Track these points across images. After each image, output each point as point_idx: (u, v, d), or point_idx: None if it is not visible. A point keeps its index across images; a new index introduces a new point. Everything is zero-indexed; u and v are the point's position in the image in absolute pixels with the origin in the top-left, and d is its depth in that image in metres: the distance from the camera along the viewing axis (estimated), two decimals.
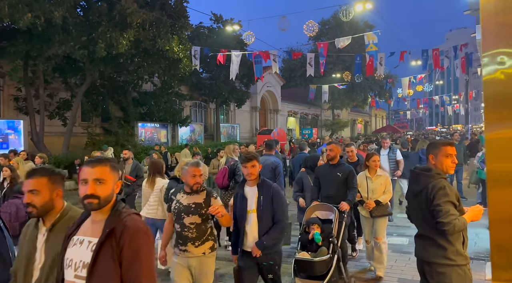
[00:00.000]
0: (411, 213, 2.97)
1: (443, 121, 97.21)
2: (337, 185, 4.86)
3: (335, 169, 4.94)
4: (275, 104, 35.63)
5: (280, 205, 3.35)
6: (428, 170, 2.78)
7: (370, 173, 5.22)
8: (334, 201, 4.72)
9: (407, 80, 25.24)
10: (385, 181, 5.18)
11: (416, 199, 2.80)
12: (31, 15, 11.35)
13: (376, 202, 5.03)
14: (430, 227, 2.68)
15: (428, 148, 2.89)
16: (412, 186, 2.89)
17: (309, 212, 4.69)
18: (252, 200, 3.38)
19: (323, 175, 5.03)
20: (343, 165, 4.97)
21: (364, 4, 15.22)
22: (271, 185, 3.40)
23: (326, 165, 5.09)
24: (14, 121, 15.55)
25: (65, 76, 16.43)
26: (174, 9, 15.73)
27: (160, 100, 21.07)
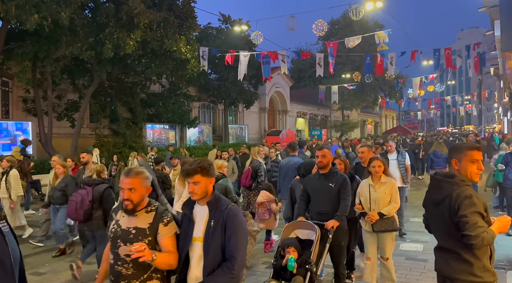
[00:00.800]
0: (430, 223, 2.70)
1: (454, 122, 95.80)
2: (330, 198, 4.16)
3: (326, 179, 4.21)
4: (284, 105, 35.37)
5: (235, 235, 2.34)
6: (452, 176, 2.49)
7: (373, 180, 4.50)
8: (326, 218, 4.06)
9: (418, 80, 24.82)
10: (391, 189, 4.43)
11: (438, 208, 2.53)
12: (38, 16, 11.28)
13: (380, 215, 4.30)
14: (454, 240, 2.41)
15: (451, 152, 2.61)
16: (432, 193, 2.61)
17: (287, 230, 3.94)
18: (200, 225, 2.43)
19: (312, 187, 4.29)
20: (336, 174, 4.23)
21: (374, 2, 14.92)
22: (226, 206, 2.42)
23: (316, 174, 4.34)
24: (23, 123, 15.59)
25: (73, 78, 16.41)
26: (181, 10, 15.59)
27: (168, 101, 20.98)
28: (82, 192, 5.03)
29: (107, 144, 17.52)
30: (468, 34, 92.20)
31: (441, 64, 21.85)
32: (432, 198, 2.60)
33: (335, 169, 4.34)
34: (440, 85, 36.99)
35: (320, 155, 4.19)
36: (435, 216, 2.58)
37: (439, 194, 2.52)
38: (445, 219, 2.45)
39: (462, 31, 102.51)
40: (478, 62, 20.04)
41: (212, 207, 2.43)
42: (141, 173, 2.45)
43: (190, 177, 2.40)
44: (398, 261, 5.65)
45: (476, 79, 42.08)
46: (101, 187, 5.13)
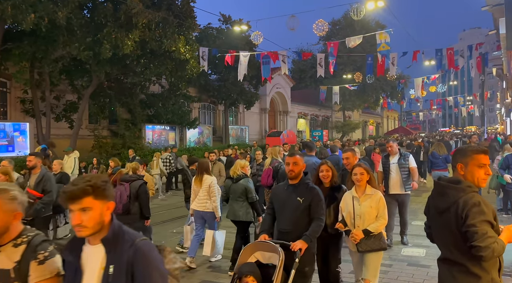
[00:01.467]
0: (434, 233, 2.51)
1: (456, 123, 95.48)
2: (296, 215, 3.46)
3: (294, 191, 3.52)
4: (285, 105, 35.19)
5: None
6: (457, 182, 2.31)
7: (357, 192, 3.88)
8: (289, 238, 3.36)
9: (420, 81, 24.63)
10: (378, 202, 3.82)
11: (442, 217, 2.34)
12: (35, 16, 11.15)
13: (365, 232, 3.72)
14: (461, 251, 2.23)
15: (456, 156, 2.42)
16: (436, 201, 2.42)
17: (246, 253, 3.26)
18: (91, 275, 1.69)
19: (278, 200, 3.62)
20: (306, 186, 3.52)
21: (375, 2, 14.76)
22: (132, 243, 1.69)
23: (285, 184, 3.67)
24: (20, 124, 15.45)
25: (71, 78, 16.28)
26: (181, 9, 15.45)
27: (168, 102, 20.82)
28: (121, 188, 5.46)
29: (106, 145, 17.38)
30: (470, 35, 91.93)
31: (443, 65, 21.67)
32: (436, 206, 2.41)
33: (307, 179, 3.60)
34: (442, 85, 36.81)
35: (292, 162, 3.50)
36: (439, 225, 2.39)
37: (444, 202, 2.33)
38: (451, 228, 2.27)
39: (464, 31, 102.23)
40: (480, 62, 19.86)
41: (110, 247, 1.68)
42: (2, 192, 1.76)
43: (75, 201, 1.64)
44: (400, 267, 5.48)
45: (478, 79, 41.83)
46: (137, 183, 5.52)
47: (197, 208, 5.86)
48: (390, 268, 5.44)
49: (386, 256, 5.96)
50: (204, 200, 5.80)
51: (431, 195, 2.52)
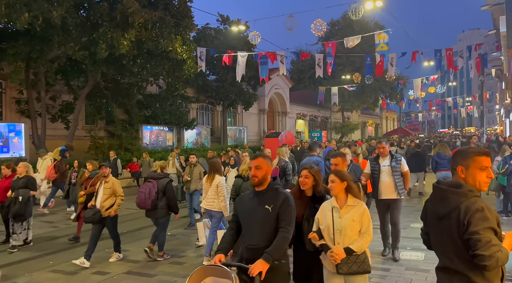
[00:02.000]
0: (432, 240, 2.36)
1: (455, 124, 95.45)
2: (265, 227, 2.86)
3: (262, 199, 2.94)
4: (284, 106, 35.07)
5: None
6: (458, 186, 2.16)
7: (338, 202, 3.30)
8: (258, 255, 2.75)
9: (419, 82, 24.52)
10: (361, 215, 3.23)
11: (442, 223, 2.19)
12: (29, 15, 11.02)
13: (347, 251, 3.13)
14: (462, 260, 2.09)
15: (456, 158, 2.27)
16: (435, 206, 2.27)
17: (194, 279, 2.61)
18: None
19: (243, 210, 3.04)
20: (275, 193, 2.96)
21: (374, 2, 14.66)
22: None
23: (250, 193, 3.09)
24: (15, 124, 15.30)
25: (67, 78, 16.13)
26: (177, 9, 15.32)
27: (165, 102, 20.69)
28: (149, 185, 6.01)
29: (103, 146, 17.24)
30: (469, 35, 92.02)
31: (442, 65, 21.57)
32: (435, 211, 2.26)
33: (276, 185, 3.03)
34: (441, 86, 36.72)
35: (254, 166, 2.94)
36: (439, 232, 2.25)
37: (444, 207, 2.18)
38: (452, 236, 2.12)
39: (463, 33, 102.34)
40: (479, 63, 19.75)
41: None
42: None
43: None
44: (398, 271, 5.34)
45: (478, 80, 41.74)
46: (164, 180, 6.12)
47: (206, 206, 6.18)
48: (388, 272, 5.30)
49: (384, 260, 5.83)
50: (211, 199, 6.09)
51: (430, 200, 2.37)
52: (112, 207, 6.06)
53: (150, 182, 6.06)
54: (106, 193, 6.08)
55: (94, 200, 6.23)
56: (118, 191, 6.14)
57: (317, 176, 3.58)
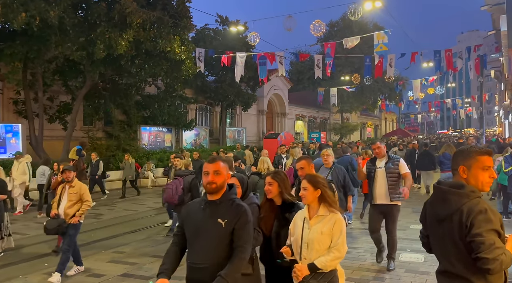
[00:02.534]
0: (432, 243, 2.28)
1: (454, 125, 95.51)
2: (215, 243, 2.43)
3: (215, 211, 2.48)
4: (283, 107, 35.01)
5: None
6: (460, 186, 2.09)
7: (309, 211, 2.86)
8: (203, 276, 2.38)
9: (419, 83, 24.48)
10: (332, 227, 2.75)
11: (442, 225, 2.12)
12: (26, 15, 10.95)
13: (310, 268, 2.71)
14: (465, 263, 2.02)
15: (457, 158, 2.20)
16: (436, 208, 2.19)
17: None
18: None
19: (190, 221, 2.55)
20: (232, 204, 2.51)
21: (373, 2, 14.62)
22: None
23: (201, 201, 2.59)
24: (13, 125, 15.21)
25: (65, 79, 16.05)
26: (176, 9, 15.25)
27: (164, 103, 20.60)
28: (176, 182, 6.44)
29: (101, 147, 17.13)
30: (468, 37, 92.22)
31: (442, 66, 21.53)
32: (436, 214, 2.18)
33: (232, 195, 2.56)
34: (440, 87, 36.70)
35: (212, 171, 2.50)
36: (439, 235, 2.17)
37: (445, 209, 2.11)
38: (454, 238, 2.05)
39: (462, 34, 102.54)
40: (479, 64, 19.72)
41: None
42: None
43: None
44: (397, 274, 5.26)
45: (477, 81, 41.76)
46: (190, 177, 6.55)
47: None
48: (387, 274, 5.23)
49: (384, 262, 5.76)
50: None
51: (430, 201, 2.29)
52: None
53: (177, 179, 6.55)
54: (72, 199, 5.50)
55: (57, 208, 5.55)
56: (85, 196, 5.56)
57: (282, 182, 3.09)
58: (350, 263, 5.72)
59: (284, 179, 3.13)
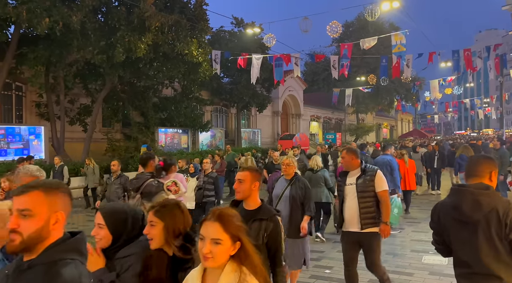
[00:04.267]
0: (456, 246, 2.31)
1: (472, 125, 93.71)
2: None
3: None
4: (297, 108, 34.97)
5: None
6: (486, 188, 2.20)
7: (204, 277, 1.78)
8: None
9: (436, 83, 24.15)
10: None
11: (470, 228, 2.18)
12: (49, 20, 11.25)
13: None
14: (499, 262, 2.07)
15: (490, 163, 2.28)
16: (464, 210, 2.22)
17: None
18: None
19: None
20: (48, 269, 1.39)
21: (391, 3, 14.50)
22: None
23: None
24: (36, 127, 15.60)
25: (85, 82, 16.40)
26: (193, 12, 15.44)
27: (181, 105, 20.84)
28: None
29: (119, 148, 17.42)
30: (487, 36, 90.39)
31: (460, 66, 21.21)
32: (462, 217, 2.21)
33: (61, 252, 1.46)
34: (458, 87, 36.11)
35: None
36: (466, 238, 2.21)
37: (476, 211, 2.15)
38: (489, 238, 2.09)
39: (480, 33, 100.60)
40: (498, 63, 19.35)
41: None
42: None
43: None
44: (421, 276, 5.24)
45: (496, 81, 40.95)
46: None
47: None
48: (412, 277, 5.21)
49: (407, 264, 5.74)
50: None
51: (454, 206, 2.29)
52: None
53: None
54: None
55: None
56: None
57: (169, 220, 1.99)
58: None
59: (171, 216, 2.01)
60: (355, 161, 4.15)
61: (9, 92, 16.64)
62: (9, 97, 16.74)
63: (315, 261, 5.95)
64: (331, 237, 7.17)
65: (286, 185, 4.55)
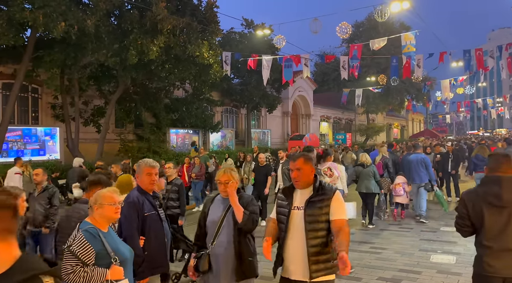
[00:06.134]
0: (491, 226, 2.75)
1: (485, 125, 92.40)
2: None
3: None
4: (307, 108, 35.00)
5: None
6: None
7: None
8: None
9: (447, 83, 23.98)
10: None
11: (505, 211, 2.71)
12: (65, 24, 11.53)
13: None
14: None
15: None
16: (502, 196, 2.72)
17: None
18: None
19: None
20: None
21: (401, 3, 14.50)
22: None
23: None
24: (51, 128, 16.00)
25: (99, 84, 16.75)
26: (204, 15, 15.65)
27: (192, 106, 21.11)
28: None
29: (132, 149, 17.74)
30: (499, 35, 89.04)
31: (471, 66, 21.03)
32: (502, 203, 2.70)
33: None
34: (470, 87, 35.74)
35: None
36: (503, 221, 2.69)
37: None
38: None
39: (493, 32, 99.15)
40: (511, 62, 19.16)
41: None
42: None
43: None
44: (429, 274, 5.33)
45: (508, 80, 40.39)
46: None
47: None
48: (419, 275, 5.31)
49: (415, 263, 5.83)
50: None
51: (493, 193, 2.73)
52: None
53: None
54: None
55: None
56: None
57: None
58: (382, 263, 5.83)
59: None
60: (312, 174, 2.94)
61: (26, 94, 17.07)
62: (25, 99, 17.18)
63: None
64: None
65: (225, 207, 3.18)
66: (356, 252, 6.39)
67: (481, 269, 2.70)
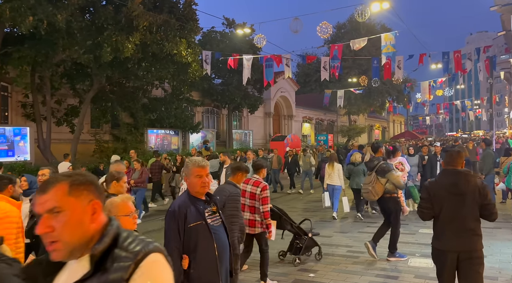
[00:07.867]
0: (446, 209, 3.33)
1: (464, 127, 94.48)
2: None
3: None
4: (289, 109, 34.93)
5: None
6: (469, 172, 3.42)
7: None
8: None
9: (427, 84, 24.22)
10: None
11: (459, 197, 3.27)
12: (33, 18, 11.02)
13: None
14: (478, 221, 3.33)
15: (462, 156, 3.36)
16: (456, 186, 3.28)
17: None
18: None
19: None
20: None
21: (381, 3, 14.50)
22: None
23: None
24: (21, 128, 15.30)
25: (73, 82, 16.15)
26: (182, 12, 15.30)
27: (171, 106, 20.64)
28: None
29: (108, 149, 17.20)
30: (477, 38, 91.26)
31: (450, 68, 21.28)
32: (457, 190, 3.29)
33: None
34: (449, 89, 36.37)
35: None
36: (457, 205, 3.32)
37: (467, 186, 3.30)
38: (473, 205, 3.31)
39: (471, 35, 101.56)
40: (488, 65, 19.45)
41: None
42: None
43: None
44: (407, 279, 5.14)
45: (486, 83, 41.25)
46: None
47: (330, 183, 9.24)
48: (396, 280, 5.11)
49: (393, 267, 5.64)
50: (335, 178, 9.17)
51: (450, 183, 3.32)
52: None
53: None
54: None
55: None
56: None
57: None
58: (359, 268, 5.62)
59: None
60: (93, 220, 1.43)
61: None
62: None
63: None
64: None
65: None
66: (334, 256, 6.17)
67: (440, 244, 3.31)
